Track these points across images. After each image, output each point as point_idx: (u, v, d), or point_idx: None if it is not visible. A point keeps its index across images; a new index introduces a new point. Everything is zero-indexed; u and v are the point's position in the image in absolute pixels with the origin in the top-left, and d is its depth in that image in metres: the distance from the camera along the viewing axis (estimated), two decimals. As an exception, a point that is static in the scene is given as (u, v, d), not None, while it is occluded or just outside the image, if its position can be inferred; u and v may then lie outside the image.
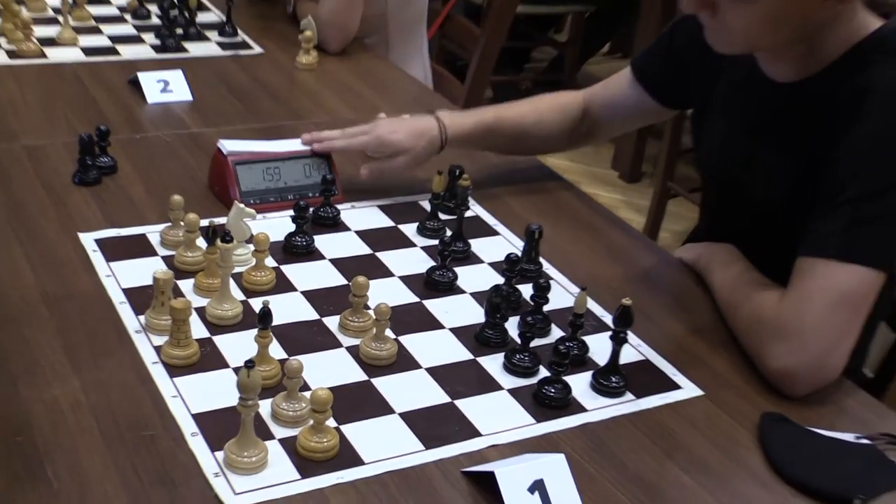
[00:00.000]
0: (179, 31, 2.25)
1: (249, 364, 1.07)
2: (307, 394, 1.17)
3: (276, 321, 1.30)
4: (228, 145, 1.62)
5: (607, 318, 1.43)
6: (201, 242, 1.44)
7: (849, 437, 1.28)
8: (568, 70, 4.45)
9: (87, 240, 1.48)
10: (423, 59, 2.54)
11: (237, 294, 1.37)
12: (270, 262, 1.44)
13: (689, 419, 1.29)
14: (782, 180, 1.52)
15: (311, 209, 1.54)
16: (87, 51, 2.15)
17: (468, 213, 1.59)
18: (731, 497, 1.17)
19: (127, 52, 2.17)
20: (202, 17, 2.35)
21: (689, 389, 1.34)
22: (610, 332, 1.32)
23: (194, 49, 2.22)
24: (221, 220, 1.47)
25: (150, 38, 2.24)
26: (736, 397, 1.34)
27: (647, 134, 4.00)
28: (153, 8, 2.35)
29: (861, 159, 1.38)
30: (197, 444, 1.12)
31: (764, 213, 1.56)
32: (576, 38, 4.49)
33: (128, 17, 2.34)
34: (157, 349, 1.26)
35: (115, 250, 1.46)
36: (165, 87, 1.97)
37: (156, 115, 1.91)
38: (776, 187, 1.53)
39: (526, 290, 1.41)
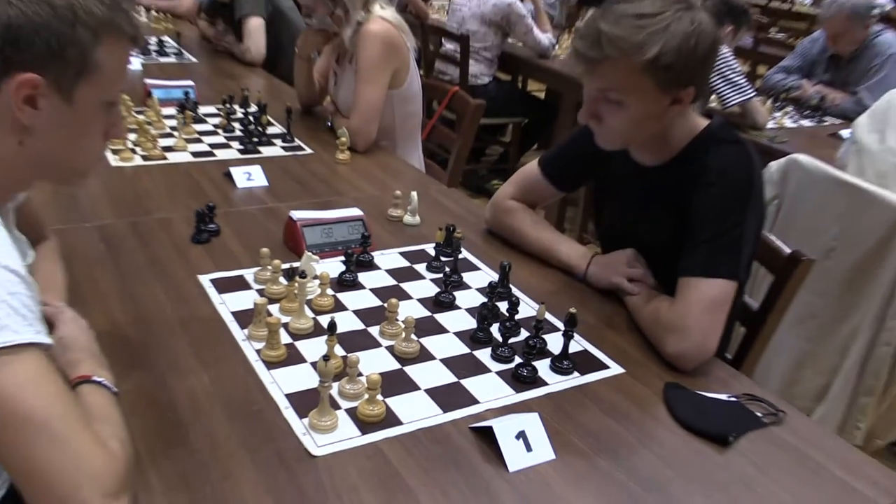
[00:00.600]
0: (255, 139, 2.25)
1: (326, 358, 1.08)
2: (363, 378, 1.18)
3: (338, 330, 1.32)
4: (296, 214, 1.63)
5: (557, 322, 1.44)
6: (282, 280, 1.45)
7: (722, 396, 1.30)
8: (511, 161, 4.48)
9: (205, 280, 1.48)
10: (419, 154, 2.56)
11: (309, 314, 1.38)
12: (330, 291, 1.45)
13: (616, 388, 1.30)
14: (661, 230, 1.54)
15: (355, 255, 1.56)
16: (195, 154, 2.15)
17: (460, 256, 1.60)
18: (648, 438, 1.18)
19: (221, 154, 2.17)
20: (270, 130, 2.36)
21: (614, 368, 1.35)
22: (561, 331, 1.34)
23: (266, 151, 2.22)
24: (296, 264, 1.48)
25: (235, 144, 2.24)
26: (646, 373, 1.35)
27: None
28: (236, 125, 2.36)
29: (711, 212, 1.41)
30: (289, 414, 1.13)
31: (648, 250, 1.57)
32: (515, 140, 4.53)
33: (220, 131, 2.34)
34: (258, 352, 1.26)
35: (224, 287, 1.46)
36: (249, 177, 1.97)
37: (244, 196, 1.92)
38: (658, 235, 1.55)
39: (502, 306, 1.42)
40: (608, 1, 1.40)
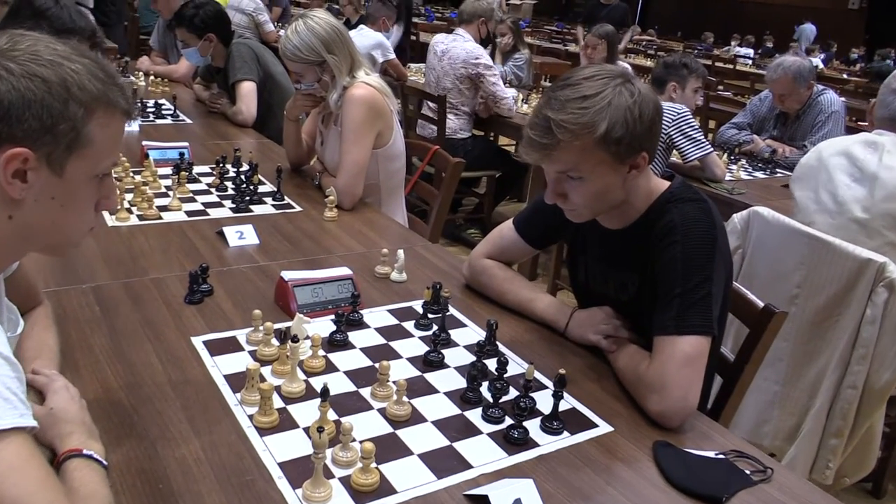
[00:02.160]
0: (247, 198, 2.17)
1: (321, 430, 0.99)
2: (356, 444, 1.09)
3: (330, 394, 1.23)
4: (287, 275, 1.54)
5: (544, 379, 1.36)
6: (274, 342, 1.36)
7: (710, 454, 1.22)
8: (486, 211, 4.43)
9: (197, 341, 1.38)
10: (402, 209, 2.49)
11: (301, 376, 1.28)
12: (321, 352, 1.35)
13: (606, 447, 1.21)
14: (629, 289, 1.48)
15: (345, 315, 1.47)
16: (189, 213, 2.06)
17: (447, 313, 1.52)
18: (642, 499, 1.10)
19: (214, 213, 2.08)
20: (261, 188, 2.27)
21: (603, 426, 1.26)
22: (549, 390, 1.26)
23: (257, 209, 2.14)
24: (287, 324, 1.39)
25: (228, 203, 2.15)
26: (635, 430, 1.26)
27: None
28: (229, 184, 2.28)
29: (678, 269, 1.34)
30: (282, 484, 1.03)
31: (620, 306, 1.50)
32: (489, 191, 4.48)
33: (213, 190, 2.25)
34: (250, 417, 1.16)
35: (216, 348, 1.37)
36: (241, 236, 1.88)
37: (236, 254, 1.82)
38: (626, 292, 1.49)
39: (490, 363, 1.33)
40: (550, 88, 1.37)
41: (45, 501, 0.77)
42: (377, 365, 1.32)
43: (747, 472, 1.18)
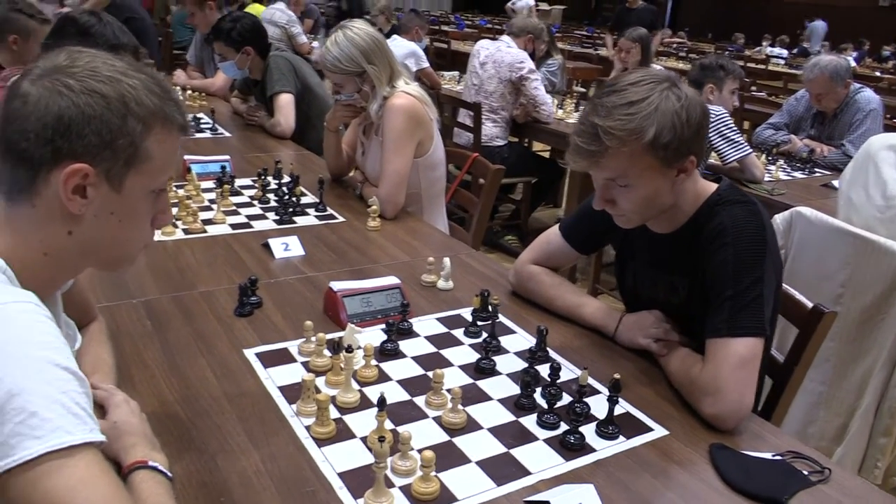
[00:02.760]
0: (290, 209, 2.18)
1: (382, 439, 0.99)
2: (414, 453, 1.09)
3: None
4: (336, 285, 1.55)
5: (595, 384, 1.35)
6: (326, 353, 1.36)
7: (767, 455, 1.20)
8: (523, 217, 4.42)
9: (250, 354, 1.39)
10: (443, 217, 2.49)
11: (355, 386, 1.29)
12: (373, 362, 1.36)
13: (662, 451, 1.20)
14: (678, 293, 1.47)
15: (395, 324, 1.47)
16: (233, 226, 2.07)
17: (497, 320, 1.51)
18: (696, 500, 1.09)
19: (257, 225, 2.10)
20: (303, 200, 2.29)
21: (658, 431, 1.25)
22: (602, 395, 1.26)
23: (300, 221, 2.15)
24: (339, 335, 1.40)
25: (271, 215, 2.17)
26: (689, 433, 1.25)
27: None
28: (271, 196, 2.30)
29: (730, 271, 1.32)
30: (343, 494, 1.04)
31: (669, 310, 1.49)
32: (526, 197, 4.47)
33: (256, 202, 2.27)
34: (307, 428, 1.17)
35: (269, 359, 1.38)
36: (287, 248, 1.90)
37: (282, 266, 1.84)
38: (676, 296, 1.48)
39: (542, 369, 1.34)
40: (596, 94, 1.36)
41: None
42: (430, 373, 1.33)
43: (805, 472, 1.16)
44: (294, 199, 2.22)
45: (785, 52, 12.34)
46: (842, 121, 3.45)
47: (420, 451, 1.10)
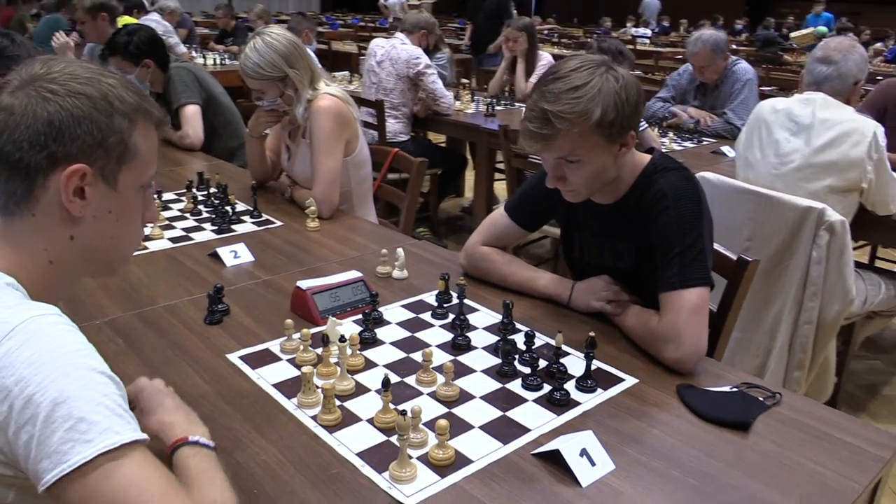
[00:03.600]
0: (229, 218, 2.19)
1: (403, 413, 1.07)
2: (423, 426, 1.17)
3: (374, 387, 1.31)
4: (303, 284, 1.60)
5: (565, 347, 1.47)
6: (311, 348, 1.42)
7: (726, 388, 1.36)
8: (432, 209, 4.52)
9: (234, 358, 1.42)
10: (373, 213, 2.56)
11: (347, 374, 1.35)
12: (357, 350, 1.42)
13: (637, 397, 1.34)
14: (624, 258, 1.62)
15: (372, 314, 1.54)
16: (172, 240, 2.06)
17: (456, 300, 1.60)
18: (683, 435, 1.22)
19: (197, 237, 2.09)
20: (238, 208, 2.29)
21: (629, 380, 1.38)
22: (571, 356, 1.37)
23: (239, 228, 2.16)
24: (315, 330, 1.45)
25: (208, 225, 2.17)
26: (656, 379, 1.39)
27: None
28: (201, 207, 2.30)
29: (674, 231, 1.47)
30: (367, 471, 1.10)
31: (614, 273, 1.63)
32: (433, 189, 4.57)
33: (188, 215, 2.25)
34: (314, 417, 1.23)
35: (254, 361, 1.41)
36: (236, 255, 1.91)
37: (235, 273, 1.85)
38: (622, 260, 1.63)
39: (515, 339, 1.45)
40: (539, 83, 1.47)
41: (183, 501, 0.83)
42: (414, 355, 1.41)
43: (760, 398, 1.33)
44: (230, 208, 2.23)
45: (649, 32, 13.07)
46: (723, 91, 3.76)
47: (426, 424, 1.18)
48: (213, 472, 0.95)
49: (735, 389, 1.36)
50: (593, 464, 1.11)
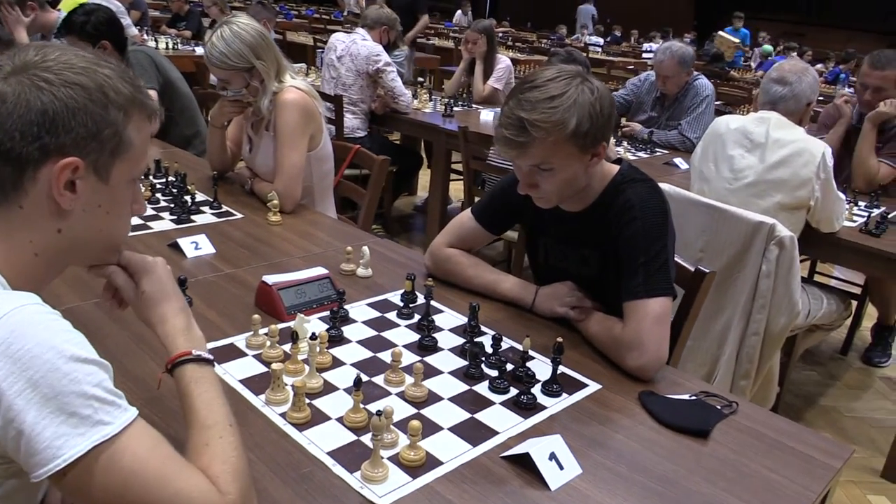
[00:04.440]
0: (189, 207, 2.15)
1: (379, 413, 1.07)
2: (393, 427, 1.18)
3: (342, 385, 1.31)
4: (269, 279, 1.58)
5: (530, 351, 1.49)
6: (278, 345, 1.41)
7: (685, 396, 1.40)
8: (386, 207, 4.51)
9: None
10: (333, 209, 2.55)
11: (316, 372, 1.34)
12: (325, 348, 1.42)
13: (600, 402, 1.37)
14: (589, 265, 1.66)
15: (339, 312, 1.53)
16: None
17: (420, 301, 1.60)
18: (646, 441, 1.26)
19: (156, 226, 2.04)
20: (197, 198, 2.25)
21: (592, 386, 1.41)
22: (535, 360, 1.40)
23: (198, 219, 2.12)
24: (281, 326, 1.44)
25: (166, 215, 2.12)
26: (618, 385, 1.43)
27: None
28: (159, 195, 2.25)
29: (640, 241, 1.51)
30: (339, 470, 1.10)
31: (577, 280, 1.66)
32: (388, 187, 4.54)
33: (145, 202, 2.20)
34: (282, 415, 1.22)
35: (219, 356, 1.38)
36: (197, 246, 1.88)
37: (196, 265, 1.82)
38: (587, 267, 1.66)
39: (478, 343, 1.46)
40: (515, 91, 1.49)
41: (181, 477, 0.84)
42: (380, 354, 1.42)
43: (718, 407, 1.38)
44: (189, 198, 2.19)
45: (601, 41, 13.29)
46: (682, 105, 3.86)
47: (395, 424, 1.19)
48: (217, 402, 0.97)
49: (694, 398, 1.40)
50: (561, 467, 1.14)
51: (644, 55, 10.75)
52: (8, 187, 0.89)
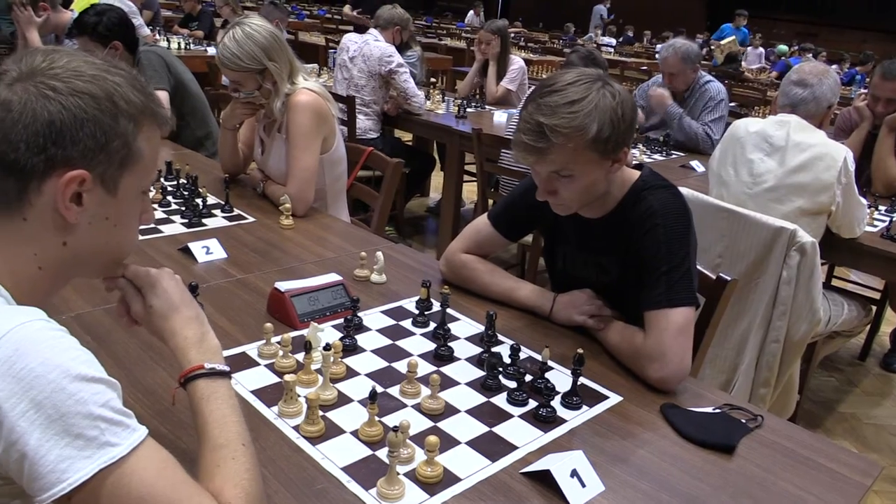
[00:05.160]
0: (198, 211, 2.12)
1: (396, 429, 1.04)
2: (410, 441, 1.14)
3: (356, 397, 1.27)
4: (282, 285, 1.55)
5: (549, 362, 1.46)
6: (291, 354, 1.37)
7: (709, 409, 1.36)
8: (398, 209, 4.48)
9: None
10: (346, 212, 2.52)
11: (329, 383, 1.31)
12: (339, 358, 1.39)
13: (622, 415, 1.33)
14: (609, 272, 1.62)
15: (354, 320, 1.50)
16: (141, 231, 1.96)
17: (436, 309, 1.58)
18: (669, 457, 1.22)
19: (166, 230, 2.02)
20: (208, 201, 2.22)
21: (613, 398, 1.38)
22: (554, 371, 1.36)
23: (210, 223, 2.10)
24: (294, 334, 1.41)
25: (177, 218, 2.09)
26: (640, 397, 1.39)
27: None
28: (170, 198, 2.22)
29: (662, 249, 1.47)
30: (354, 487, 1.07)
31: (597, 288, 1.62)
32: (401, 188, 4.51)
33: (156, 206, 2.17)
34: (296, 428, 1.19)
35: (233, 366, 1.29)
36: (208, 251, 1.85)
37: (207, 270, 1.79)
38: (607, 275, 1.62)
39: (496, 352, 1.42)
40: (534, 95, 1.45)
41: (191, 503, 0.81)
42: (396, 364, 1.38)
43: (743, 420, 1.33)
44: (200, 201, 2.16)
45: (614, 41, 13.22)
46: (693, 106, 3.81)
47: (411, 438, 1.15)
48: (234, 419, 0.94)
49: (718, 410, 1.36)
50: (584, 485, 1.10)
51: (657, 56, 10.68)
52: (12, 199, 0.86)
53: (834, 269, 3.85)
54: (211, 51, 6.28)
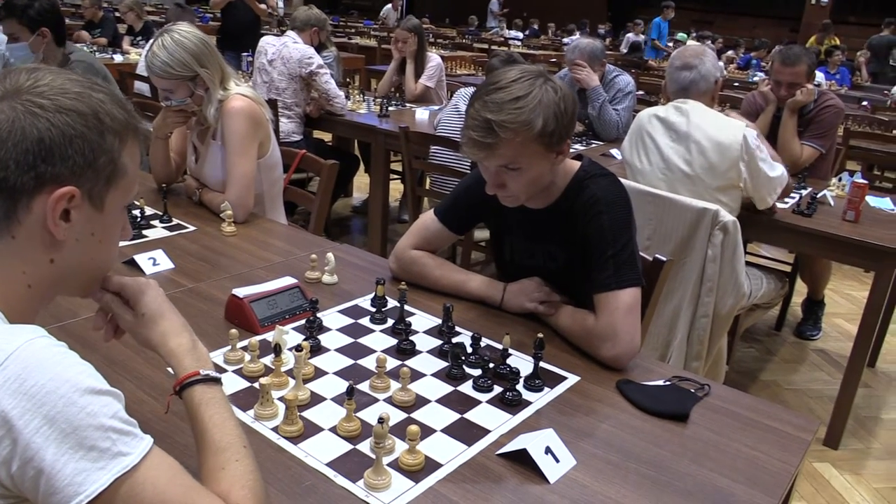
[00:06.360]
0: (138, 222, 2.09)
1: (381, 421, 1.08)
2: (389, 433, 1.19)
3: (328, 395, 1.31)
4: (239, 292, 1.56)
5: (498, 346, 1.52)
6: (259, 359, 1.39)
7: (660, 382, 1.46)
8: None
9: (175, 372, 1.37)
10: (283, 216, 2.52)
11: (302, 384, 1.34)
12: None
13: (581, 394, 1.41)
14: (555, 260, 1.69)
15: (316, 321, 1.52)
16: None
17: (391, 305, 1.62)
18: (630, 428, 1.30)
19: (105, 244, 1.99)
20: (146, 212, 2.18)
21: (571, 378, 1.45)
22: (514, 356, 1.43)
23: (150, 234, 2.07)
24: (257, 339, 1.42)
25: (114, 232, 2.06)
26: (596, 375, 1.47)
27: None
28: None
29: (607, 234, 1.56)
30: (341, 481, 1.10)
31: (544, 275, 1.70)
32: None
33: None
34: (274, 429, 1.21)
35: (197, 374, 1.37)
36: (155, 262, 1.83)
37: (157, 281, 1.77)
38: (554, 262, 1.70)
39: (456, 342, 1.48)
40: (479, 93, 1.50)
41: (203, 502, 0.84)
42: (371, 358, 1.42)
43: (692, 390, 1.43)
44: (137, 211, 2.12)
45: (521, 35, 13.47)
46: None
47: (389, 430, 1.19)
48: (229, 423, 0.96)
49: (668, 383, 1.46)
50: (557, 460, 1.17)
51: (565, 48, 10.96)
52: (1, 218, 0.86)
53: (747, 246, 4.09)
54: (118, 58, 6.08)
